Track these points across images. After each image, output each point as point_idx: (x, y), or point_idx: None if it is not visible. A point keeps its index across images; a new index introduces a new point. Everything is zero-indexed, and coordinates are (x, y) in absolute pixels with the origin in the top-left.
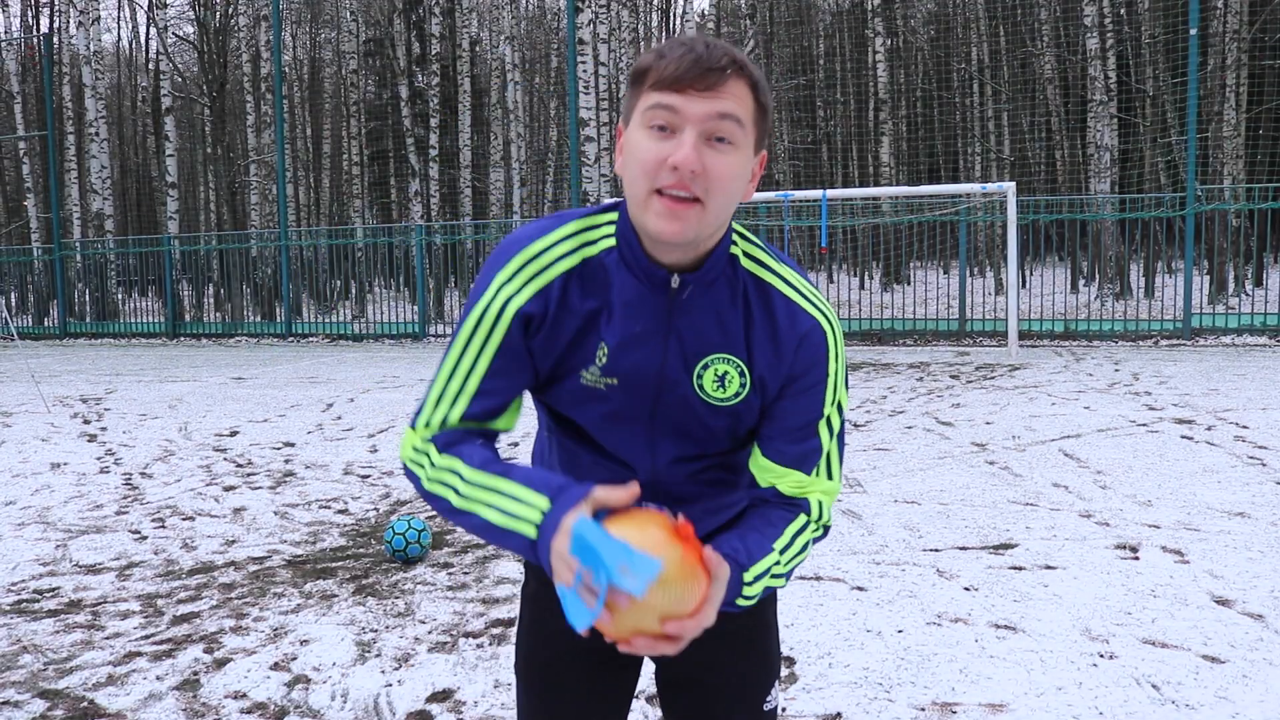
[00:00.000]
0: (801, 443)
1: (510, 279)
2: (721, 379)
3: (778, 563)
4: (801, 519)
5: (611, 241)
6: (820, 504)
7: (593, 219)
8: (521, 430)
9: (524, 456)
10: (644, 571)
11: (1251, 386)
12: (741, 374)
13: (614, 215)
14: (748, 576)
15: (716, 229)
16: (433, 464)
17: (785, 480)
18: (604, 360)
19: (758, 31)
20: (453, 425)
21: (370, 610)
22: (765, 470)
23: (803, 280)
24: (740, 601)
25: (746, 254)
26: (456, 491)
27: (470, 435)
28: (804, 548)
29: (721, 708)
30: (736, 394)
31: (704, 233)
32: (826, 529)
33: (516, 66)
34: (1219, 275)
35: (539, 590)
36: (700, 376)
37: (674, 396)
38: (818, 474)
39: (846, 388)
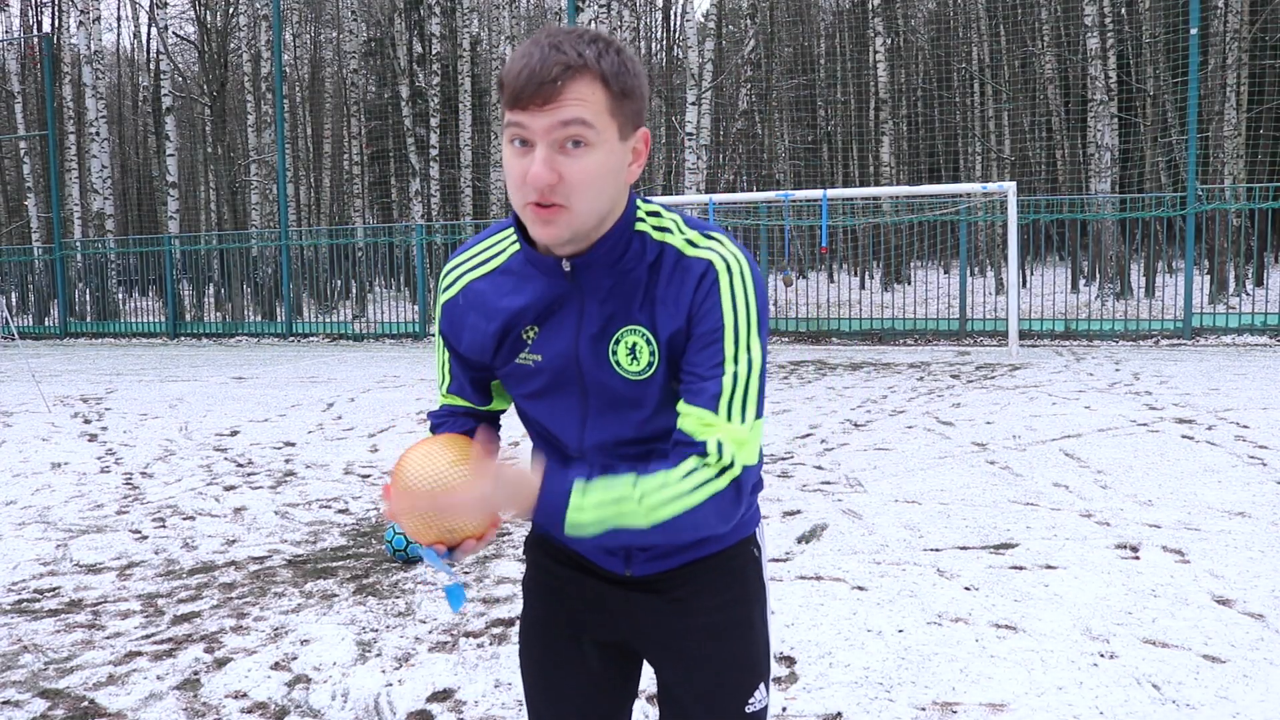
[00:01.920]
0: (704, 380)
1: (442, 287)
2: (632, 350)
3: (628, 498)
4: (690, 462)
5: (516, 247)
6: (720, 445)
7: (500, 235)
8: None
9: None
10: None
11: (1252, 386)
12: (649, 341)
13: (512, 226)
14: (577, 497)
15: (598, 219)
16: None
17: (689, 419)
18: (531, 343)
19: (758, 31)
20: (443, 402)
21: (371, 610)
22: (679, 414)
23: (703, 233)
24: (572, 518)
25: (656, 227)
26: None
27: (458, 415)
28: (685, 492)
29: (700, 708)
30: (650, 364)
31: (579, 229)
32: (734, 479)
33: None
34: (1219, 275)
35: (536, 580)
36: (614, 352)
37: (597, 376)
38: (720, 414)
39: (758, 328)
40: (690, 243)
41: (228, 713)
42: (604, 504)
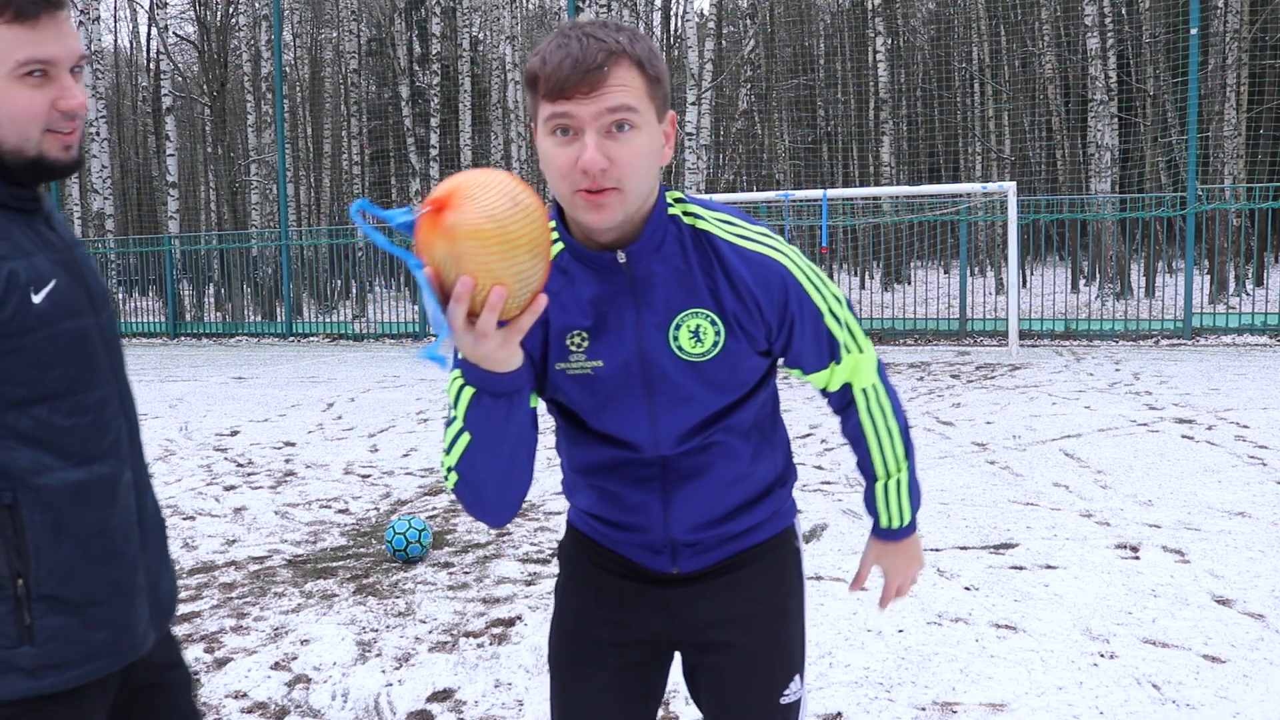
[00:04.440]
0: (823, 347)
1: None
2: (696, 333)
3: (883, 445)
4: (861, 401)
5: (559, 245)
6: (860, 379)
7: None
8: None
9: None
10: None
11: (1252, 386)
12: (714, 323)
13: (552, 223)
14: (882, 478)
15: (643, 200)
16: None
17: (829, 378)
18: (584, 347)
19: (758, 31)
20: None
21: (371, 610)
22: (814, 379)
23: (741, 220)
24: (899, 486)
25: (685, 212)
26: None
27: None
28: (884, 412)
29: (735, 698)
30: (714, 344)
31: (630, 211)
32: (879, 379)
33: (517, 66)
34: (1219, 275)
35: (569, 583)
36: (676, 338)
37: (662, 365)
38: (849, 354)
39: (825, 280)
40: (731, 229)
41: (228, 713)
42: (890, 463)
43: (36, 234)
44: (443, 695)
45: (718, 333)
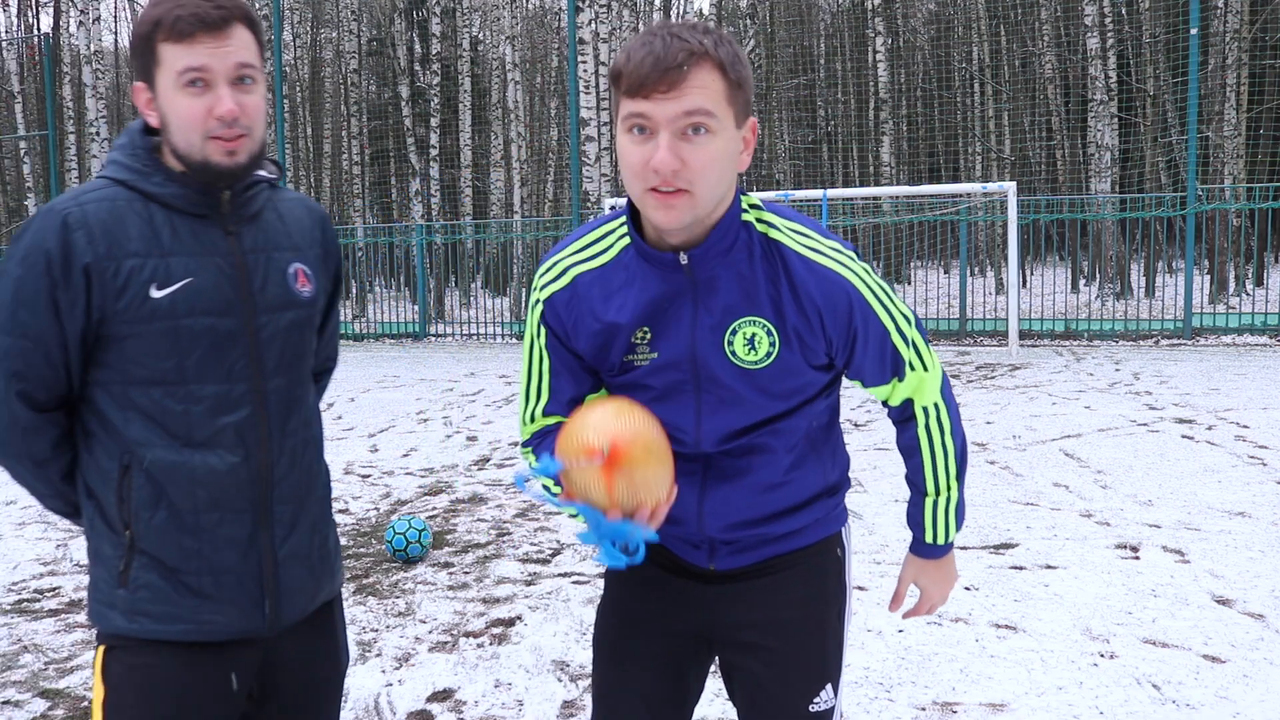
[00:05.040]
0: (886, 364)
1: (540, 285)
2: (751, 341)
3: (936, 462)
4: (920, 418)
5: (626, 241)
6: (923, 396)
7: (607, 227)
8: None
9: None
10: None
11: (1252, 386)
12: (770, 333)
13: (623, 219)
14: (930, 495)
15: (715, 205)
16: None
17: (892, 393)
18: (646, 341)
19: (758, 31)
20: (539, 423)
21: (371, 610)
22: (876, 392)
23: (814, 232)
24: (947, 504)
25: (759, 219)
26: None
27: (553, 431)
28: (942, 430)
29: (765, 697)
30: (768, 354)
31: (700, 214)
32: (941, 397)
33: (517, 66)
34: (1219, 275)
35: (617, 572)
36: (731, 342)
37: (711, 367)
38: (913, 371)
39: (894, 298)
40: (802, 240)
41: None
42: (941, 482)
43: (195, 236)
44: (443, 695)
45: (772, 343)
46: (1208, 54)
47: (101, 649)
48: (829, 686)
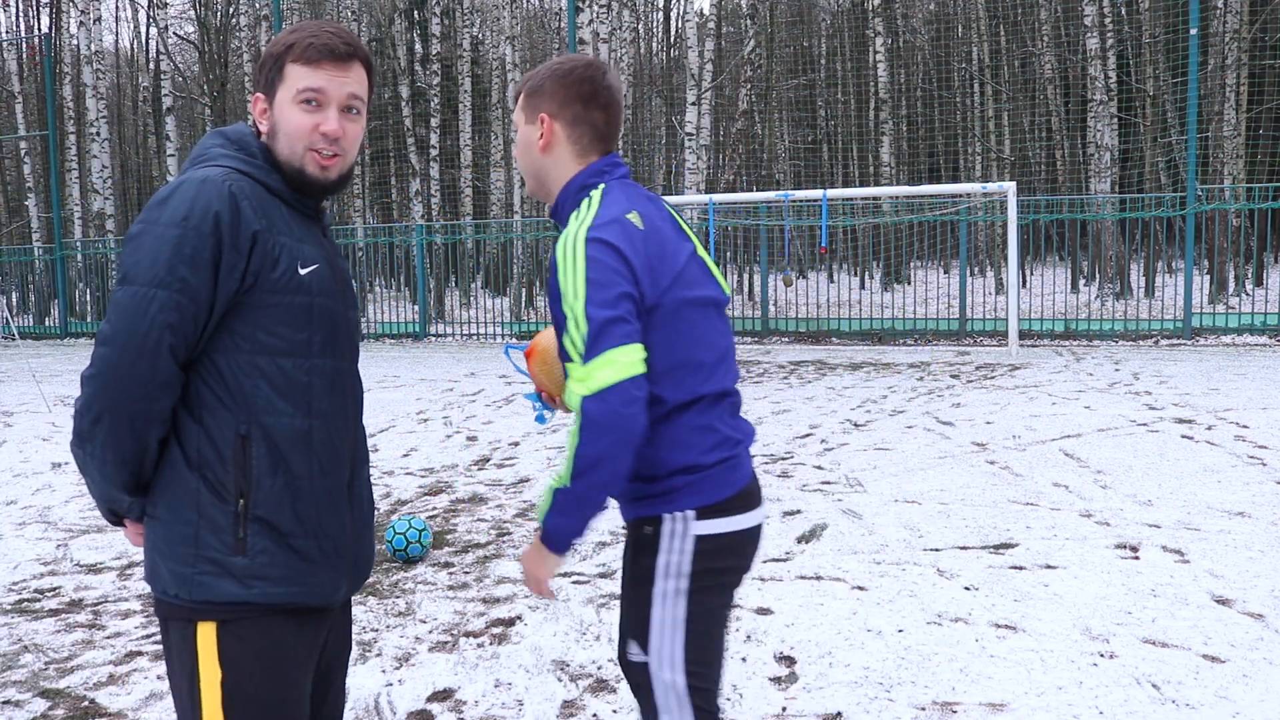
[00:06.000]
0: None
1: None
2: None
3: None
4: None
5: None
6: (572, 398)
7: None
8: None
9: (525, 454)
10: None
11: (1251, 386)
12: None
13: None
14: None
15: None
16: None
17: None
18: None
19: (758, 31)
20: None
21: (371, 610)
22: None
23: (579, 211)
24: (555, 493)
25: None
26: None
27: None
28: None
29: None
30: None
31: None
32: (584, 414)
33: (517, 66)
34: (1219, 275)
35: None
36: None
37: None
38: (571, 364)
39: (579, 291)
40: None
41: None
42: (551, 497)
43: (308, 231)
44: (443, 695)
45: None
46: (1207, 54)
47: (210, 627)
48: (635, 645)
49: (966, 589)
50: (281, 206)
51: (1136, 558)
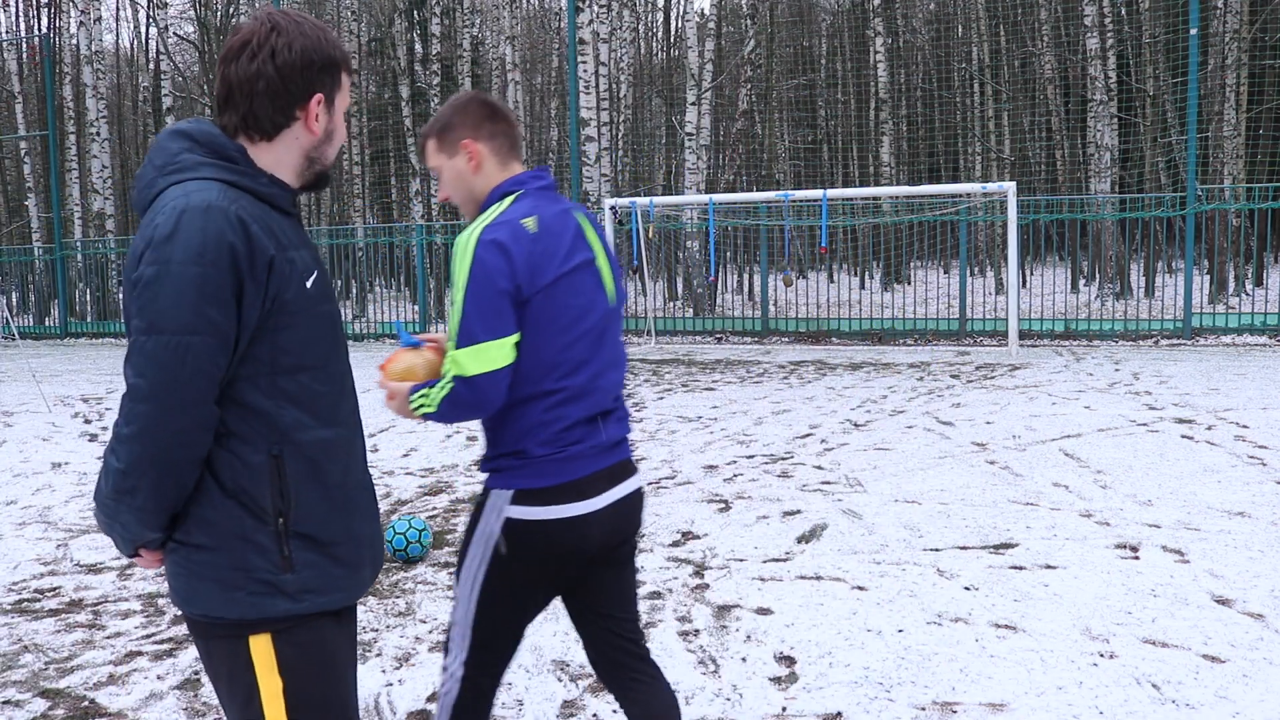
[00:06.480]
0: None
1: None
2: None
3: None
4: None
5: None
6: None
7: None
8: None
9: None
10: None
11: (1252, 386)
12: None
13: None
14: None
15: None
16: None
17: None
18: None
19: (758, 31)
20: None
21: (371, 610)
22: None
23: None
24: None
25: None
26: None
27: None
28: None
29: None
30: None
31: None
32: (447, 393)
33: (517, 66)
34: (1219, 275)
35: None
36: None
37: None
38: (450, 344)
39: (461, 284)
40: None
41: None
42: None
43: (298, 233)
44: None
45: None
46: (1207, 54)
47: (265, 638)
48: (455, 605)
49: (966, 589)
50: (272, 212)
51: (1136, 558)
